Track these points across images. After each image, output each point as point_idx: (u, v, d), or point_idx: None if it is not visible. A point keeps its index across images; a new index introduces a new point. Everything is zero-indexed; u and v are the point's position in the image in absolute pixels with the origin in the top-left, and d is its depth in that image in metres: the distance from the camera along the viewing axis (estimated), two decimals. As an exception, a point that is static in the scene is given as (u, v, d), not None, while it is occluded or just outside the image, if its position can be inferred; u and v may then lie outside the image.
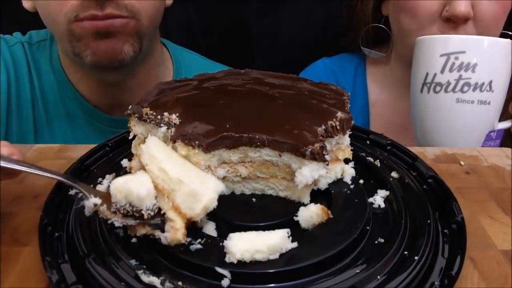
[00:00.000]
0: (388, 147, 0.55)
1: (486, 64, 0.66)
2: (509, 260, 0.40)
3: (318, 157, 0.40)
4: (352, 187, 0.46)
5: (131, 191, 0.36)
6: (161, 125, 0.44)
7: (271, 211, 0.43)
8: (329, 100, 0.50)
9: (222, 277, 0.34)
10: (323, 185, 0.46)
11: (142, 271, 0.35)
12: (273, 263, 0.35)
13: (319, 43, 1.08)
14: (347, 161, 0.49)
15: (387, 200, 0.45)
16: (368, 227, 0.41)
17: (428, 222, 0.41)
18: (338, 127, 0.45)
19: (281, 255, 0.36)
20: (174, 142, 0.42)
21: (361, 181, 0.47)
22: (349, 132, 0.47)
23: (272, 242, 0.36)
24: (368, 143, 0.57)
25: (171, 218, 0.36)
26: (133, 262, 0.36)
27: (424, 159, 0.53)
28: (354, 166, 0.49)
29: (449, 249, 0.40)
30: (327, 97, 0.50)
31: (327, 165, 0.42)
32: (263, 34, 1.10)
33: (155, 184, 0.37)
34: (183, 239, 0.36)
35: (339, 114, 0.46)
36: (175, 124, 0.43)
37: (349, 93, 0.53)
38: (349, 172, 0.48)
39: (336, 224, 0.40)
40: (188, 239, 0.37)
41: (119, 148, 0.54)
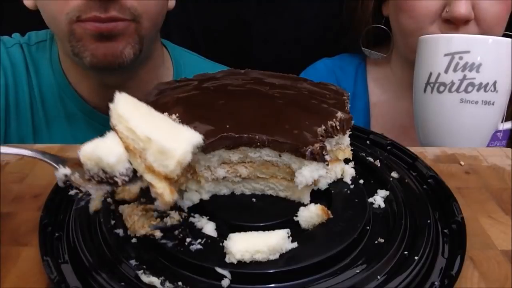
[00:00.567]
0: (388, 147, 0.55)
1: (490, 64, 0.65)
2: (509, 260, 0.40)
3: (318, 157, 0.40)
4: (352, 187, 0.46)
5: (101, 159, 0.33)
6: (161, 125, 0.44)
7: (271, 211, 0.43)
8: (329, 100, 0.50)
9: (222, 277, 0.34)
10: (323, 185, 0.46)
11: (142, 271, 0.35)
12: (273, 263, 0.35)
13: (319, 43, 1.08)
14: (347, 161, 0.49)
15: (387, 200, 0.45)
16: (368, 227, 0.41)
17: (428, 222, 0.41)
18: (338, 127, 0.45)
19: (281, 255, 0.36)
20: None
21: (361, 181, 0.47)
22: (349, 132, 0.47)
23: (272, 242, 0.36)
24: (368, 143, 0.56)
25: (149, 181, 0.34)
26: (133, 262, 0.36)
27: (424, 159, 0.53)
28: (354, 166, 0.49)
29: (449, 249, 0.40)
30: (327, 97, 0.50)
31: (327, 165, 0.42)
32: (263, 34, 1.10)
33: (126, 145, 0.35)
34: (172, 199, 0.34)
35: (339, 114, 0.45)
36: (175, 124, 0.43)
37: (350, 94, 0.53)
38: (349, 172, 0.48)
39: (336, 224, 0.40)
40: (188, 239, 0.37)
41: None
